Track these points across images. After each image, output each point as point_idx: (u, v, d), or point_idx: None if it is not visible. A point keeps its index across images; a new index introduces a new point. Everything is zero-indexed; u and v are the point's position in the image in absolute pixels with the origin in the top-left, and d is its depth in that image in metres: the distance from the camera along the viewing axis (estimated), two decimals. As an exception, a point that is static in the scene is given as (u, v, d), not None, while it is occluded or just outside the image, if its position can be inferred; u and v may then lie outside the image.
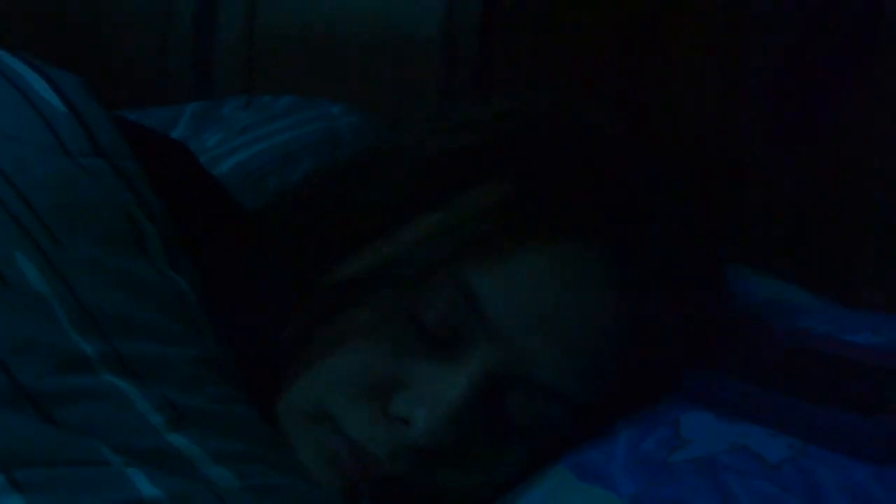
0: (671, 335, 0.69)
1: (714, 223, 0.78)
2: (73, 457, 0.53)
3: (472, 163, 0.70)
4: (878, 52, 0.98)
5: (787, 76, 0.99)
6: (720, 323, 0.72)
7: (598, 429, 0.68)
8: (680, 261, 0.69)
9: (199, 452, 0.57)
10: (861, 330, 0.74)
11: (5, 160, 0.61)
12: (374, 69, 1.18)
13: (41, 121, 0.63)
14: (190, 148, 0.80)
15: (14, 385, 0.54)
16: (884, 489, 0.59)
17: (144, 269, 0.62)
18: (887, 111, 0.98)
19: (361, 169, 0.74)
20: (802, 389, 0.66)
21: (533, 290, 0.66)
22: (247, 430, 0.61)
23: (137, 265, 0.62)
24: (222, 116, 0.95)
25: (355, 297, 0.67)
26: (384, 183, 0.71)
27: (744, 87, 1.05)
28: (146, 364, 0.58)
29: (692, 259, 0.71)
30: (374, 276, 0.68)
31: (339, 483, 0.65)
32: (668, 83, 1.07)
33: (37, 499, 0.51)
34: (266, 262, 0.72)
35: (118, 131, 0.66)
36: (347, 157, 0.78)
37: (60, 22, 1.30)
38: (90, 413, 0.56)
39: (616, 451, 0.66)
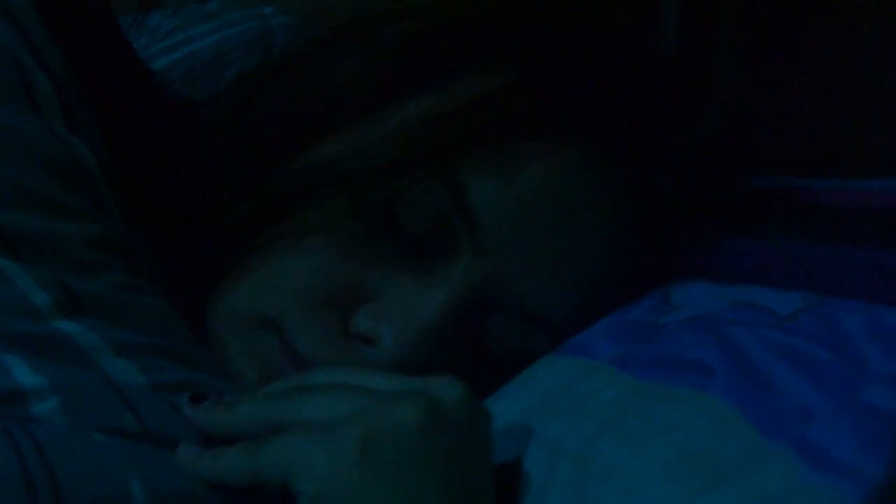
0: (673, 259, 0.60)
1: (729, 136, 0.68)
2: None
3: (468, 43, 0.60)
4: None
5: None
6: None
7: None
8: (692, 176, 0.60)
9: (96, 341, 0.47)
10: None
11: None
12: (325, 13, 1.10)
13: None
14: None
15: None
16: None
17: (33, 126, 0.51)
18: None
19: (331, 48, 0.63)
20: (811, 236, 0.55)
21: (531, 200, 0.56)
22: (156, 322, 0.51)
23: (24, 121, 0.51)
24: (147, 25, 0.87)
25: (320, 189, 0.57)
26: (360, 61, 0.61)
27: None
28: (32, 241, 0.48)
29: (707, 182, 0.61)
30: (345, 165, 0.57)
31: None
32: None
33: None
34: (207, 147, 0.62)
35: None
36: (307, 41, 0.66)
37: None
38: None
39: (596, 326, 0.55)
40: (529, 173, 0.56)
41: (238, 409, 0.48)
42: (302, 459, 0.44)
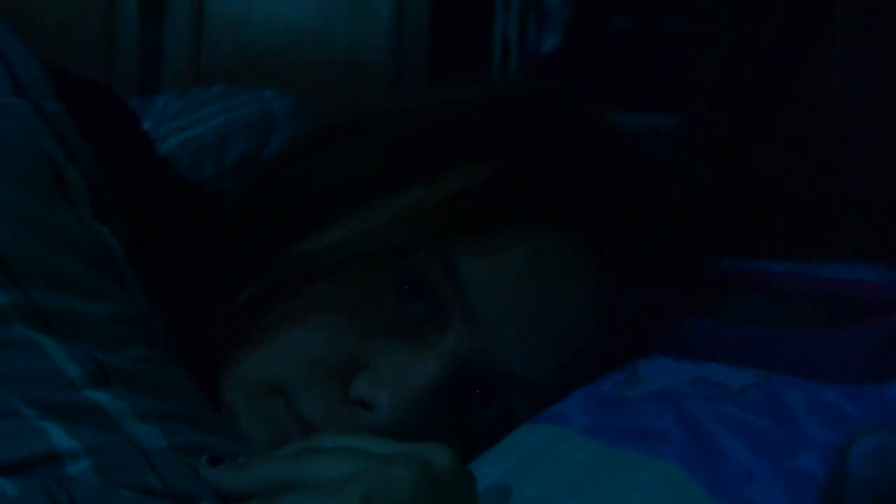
0: (643, 330, 0.65)
1: (702, 227, 0.75)
2: None
3: (458, 138, 0.66)
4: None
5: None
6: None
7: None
8: (665, 265, 0.66)
9: (123, 408, 0.52)
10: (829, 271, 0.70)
11: None
12: (323, 94, 1.15)
13: None
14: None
15: None
16: (858, 408, 0.54)
17: (66, 217, 0.57)
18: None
19: (332, 141, 0.69)
20: (766, 321, 0.62)
21: (518, 278, 0.61)
22: (175, 391, 0.56)
23: (59, 212, 0.56)
24: (153, 108, 0.92)
25: (323, 271, 0.62)
26: (358, 156, 0.66)
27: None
28: (65, 319, 0.54)
29: (677, 263, 0.67)
30: (346, 250, 0.62)
31: None
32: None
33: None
34: (218, 232, 0.68)
35: (43, 72, 0.61)
36: (310, 133, 0.73)
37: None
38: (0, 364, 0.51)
39: (572, 397, 0.62)
40: (514, 255, 0.61)
41: (252, 470, 0.52)
42: None
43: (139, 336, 0.56)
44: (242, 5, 1.24)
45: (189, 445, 0.53)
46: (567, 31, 1.14)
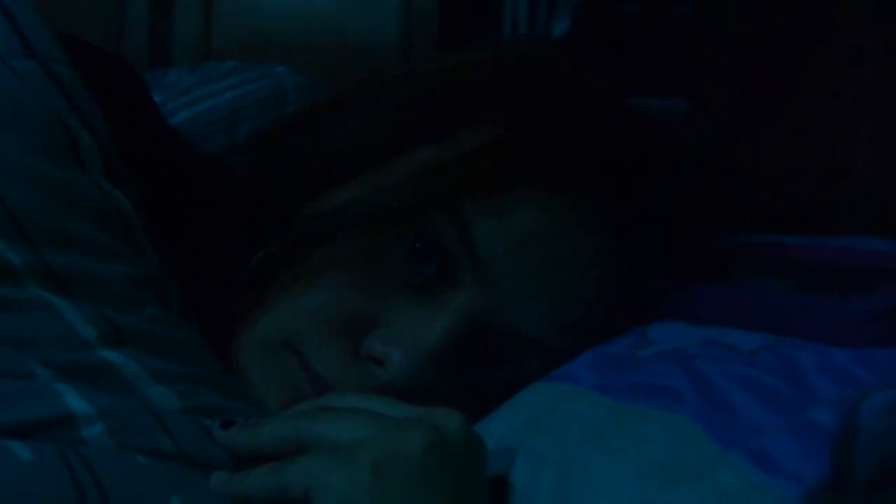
0: (655, 291, 0.66)
1: (710, 189, 0.75)
2: None
3: (469, 99, 0.66)
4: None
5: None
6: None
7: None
8: (674, 223, 0.66)
9: (137, 370, 0.52)
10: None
11: None
12: (332, 77, 1.15)
13: None
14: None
15: None
16: (868, 370, 0.54)
17: (80, 179, 0.56)
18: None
19: (342, 106, 0.69)
20: (776, 288, 0.62)
21: (526, 237, 0.61)
22: (189, 353, 0.56)
23: (72, 175, 0.56)
24: (165, 82, 0.92)
25: (336, 230, 0.63)
26: (374, 115, 0.67)
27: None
28: (78, 279, 0.53)
29: (686, 222, 0.67)
30: (358, 209, 0.63)
31: None
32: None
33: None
34: (231, 197, 0.68)
35: (54, 37, 0.60)
36: (321, 100, 0.73)
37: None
38: (14, 325, 0.51)
39: (581, 358, 0.61)
40: (524, 214, 0.61)
41: (264, 430, 0.53)
42: (322, 480, 0.48)
43: (152, 298, 0.56)
44: (252, -10, 1.24)
45: (203, 407, 0.54)
46: (576, 16, 1.14)
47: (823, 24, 1.00)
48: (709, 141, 1.03)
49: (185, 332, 0.57)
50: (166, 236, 0.61)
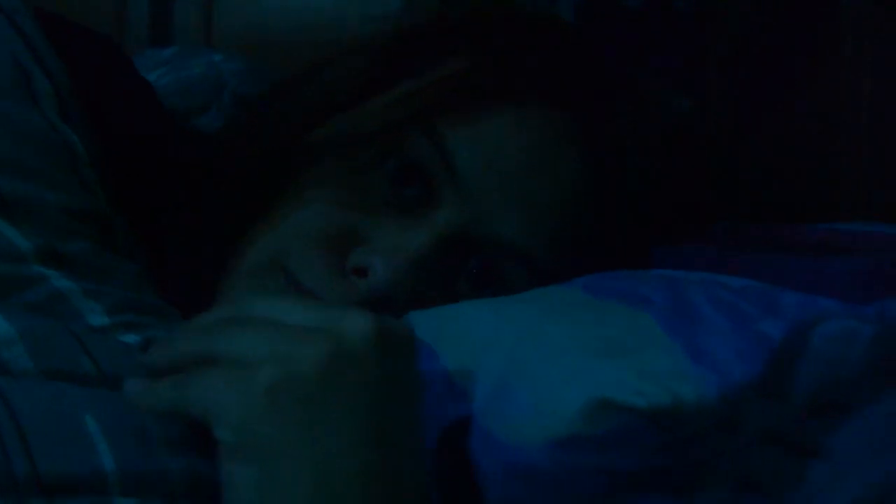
0: (636, 202, 0.68)
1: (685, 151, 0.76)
2: None
3: (444, 36, 0.70)
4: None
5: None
6: (688, 202, 0.70)
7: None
8: (640, 154, 0.69)
9: (70, 286, 0.53)
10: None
11: None
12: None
13: None
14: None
15: None
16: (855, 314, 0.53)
17: (28, 112, 0.57)
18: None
19: (319, 64, 0.72)
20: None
21: (500, 147, 0.65)
22: (124, 280, 0.57)
23: (22, 109, 0.57)
24: None
25: (320, 154, 0.66)
26: (348, 61, 0.70)
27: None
28: (19, 203, 0.54)
29: (654, 155, 0.70)
30: (343, 136, 0.66)
31: None
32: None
33: None
34: (215, 150, 0.71)
35: (21, 2, 0.62)
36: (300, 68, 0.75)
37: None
38: None
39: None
40: (498, 127, 0.65)
41: (174, 345, 0.51)
42: (219, 404, 0.47)
43: (94, 231, 0.57)
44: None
45: (130, 323, 0.54)
46: (578, 11, 1.14)
47: (824, 20, 1.00)
48: (708, 138, 1.03)
49: (122, 263, 0.58)
50: (137, 193, 0.62)
